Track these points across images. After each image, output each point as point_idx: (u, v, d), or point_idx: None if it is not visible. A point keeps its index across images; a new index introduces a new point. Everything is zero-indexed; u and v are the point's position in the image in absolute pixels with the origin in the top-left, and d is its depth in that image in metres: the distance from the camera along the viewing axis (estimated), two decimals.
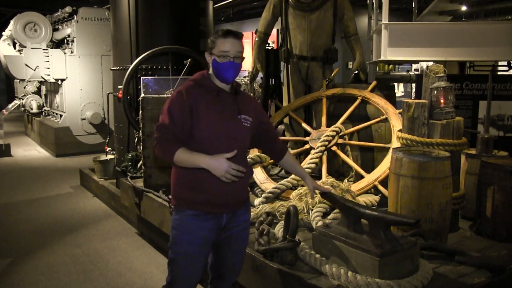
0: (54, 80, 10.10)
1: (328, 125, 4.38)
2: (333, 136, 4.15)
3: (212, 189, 2.25)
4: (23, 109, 11.55)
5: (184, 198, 2.30)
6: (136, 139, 5.67)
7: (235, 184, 2.23)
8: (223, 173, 2.13)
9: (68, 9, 9.90)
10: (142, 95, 4.89)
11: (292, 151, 4.70)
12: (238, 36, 2.28)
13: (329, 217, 3.34)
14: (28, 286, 3.93)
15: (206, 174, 2.18)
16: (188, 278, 2.35)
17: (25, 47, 10.45)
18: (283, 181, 3.89)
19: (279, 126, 5.18)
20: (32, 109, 11.42)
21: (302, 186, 3.80)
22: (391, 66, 11.34)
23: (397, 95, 7.35)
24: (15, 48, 11.12)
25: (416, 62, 10.18)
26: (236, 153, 2.19)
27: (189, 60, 5.45)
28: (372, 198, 3.74)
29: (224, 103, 2.31)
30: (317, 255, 2.68)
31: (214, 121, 2.25)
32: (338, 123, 4.29)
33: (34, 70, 10.11)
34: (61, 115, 10.25)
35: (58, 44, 10.93)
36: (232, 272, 2.51)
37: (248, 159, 4.28)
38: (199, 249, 2.30)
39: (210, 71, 2.35)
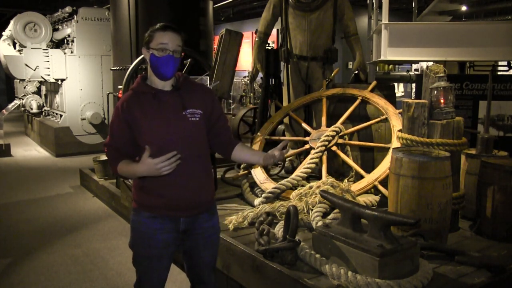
0: (54, 80, 10.09)
1: (328, 125, 4.38)
2: (333, 136, 4.15)
3: (167, 193, 2.20)
4: (23, 109, 11.53)
5: (142, 202, 2.27)
6: None
7: (189, 185, 2.20)
8: (158, 171, 2.06)
9: (68, 9, 9.90)
10: None
11: (292, 151, 4.72)
12: (177, 31, 2.18)
13: (329, 217, 3.34)
14: (28, 286, 3.92)
15: (157, 180, 2.15)
16: (155, 278, 2.34)
17: (25, 47, 10.44)
18: (283, 181, 3.89)
19: (279, 126, 5.18)
20: (32, 109, 11.40)
21: (302, 186, 3.80)
22: (391, 66, 11.36)
23: (397, 95, 7.36)
24: (15, 48, 11.10)
25: (416, 62, 10.18)
26: (177, 153, 2.08)
27: (189, 60, 5.45)
28: (372, 198, 3.74)
29: (163, 104, 2.19)
30: (317, 255, 2.68)
31: (155, 127, 2.16)
32: (338, 123, 4.29)
33: (34, 70, 10.10)
34: (61, 115, 10.24)
35: (58, 44, 10.92)
36: (209, 278, 2.45)
37: None
38: (159, 251, 2.26)
39: (149, 73, 2.25)
